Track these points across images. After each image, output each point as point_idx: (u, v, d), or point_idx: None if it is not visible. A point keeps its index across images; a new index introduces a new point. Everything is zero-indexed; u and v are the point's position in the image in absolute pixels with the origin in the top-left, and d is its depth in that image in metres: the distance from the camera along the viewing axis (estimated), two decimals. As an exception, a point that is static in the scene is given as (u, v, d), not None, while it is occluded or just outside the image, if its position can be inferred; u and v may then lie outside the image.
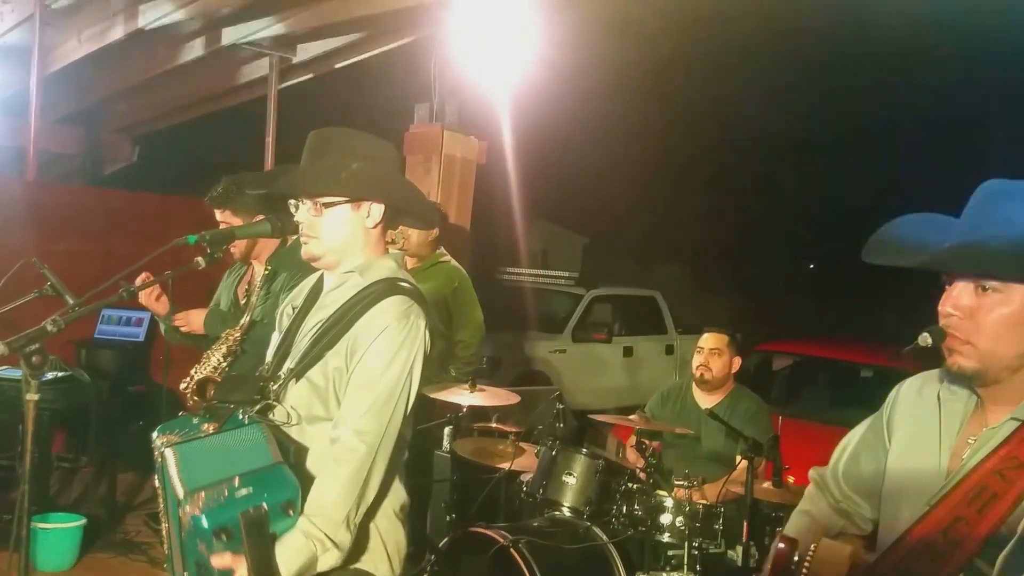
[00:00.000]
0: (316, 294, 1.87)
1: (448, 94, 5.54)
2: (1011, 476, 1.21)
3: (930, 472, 1.32)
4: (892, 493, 1.39)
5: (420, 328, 1.72)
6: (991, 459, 1.24)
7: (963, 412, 1.34)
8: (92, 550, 3.97)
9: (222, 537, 1.46)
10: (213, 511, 1.46)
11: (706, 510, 3.05)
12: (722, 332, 3.63)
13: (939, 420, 1.35)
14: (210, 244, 1.80)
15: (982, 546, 1.20)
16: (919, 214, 1.36)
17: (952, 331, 1.26)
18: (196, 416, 1.69)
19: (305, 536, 1.56)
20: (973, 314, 1.24)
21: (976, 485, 1.23)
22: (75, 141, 8.20)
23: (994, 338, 1.23)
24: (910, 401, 1.44)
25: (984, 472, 1.23)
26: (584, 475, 3.20)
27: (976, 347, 1.25)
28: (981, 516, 1.20)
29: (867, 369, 5.65)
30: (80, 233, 5.47)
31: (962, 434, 1.32)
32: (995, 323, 1.23)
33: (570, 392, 7.69)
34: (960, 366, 1.26)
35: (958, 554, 1.21)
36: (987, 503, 1.21)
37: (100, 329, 5.23)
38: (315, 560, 1.57)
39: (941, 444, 1.33)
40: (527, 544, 2.91)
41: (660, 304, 9.43)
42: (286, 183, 1.82)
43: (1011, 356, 1.24)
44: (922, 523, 1.26)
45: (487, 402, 3.64)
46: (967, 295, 1.25)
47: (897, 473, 1.39)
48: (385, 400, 1.66)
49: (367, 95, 7.59)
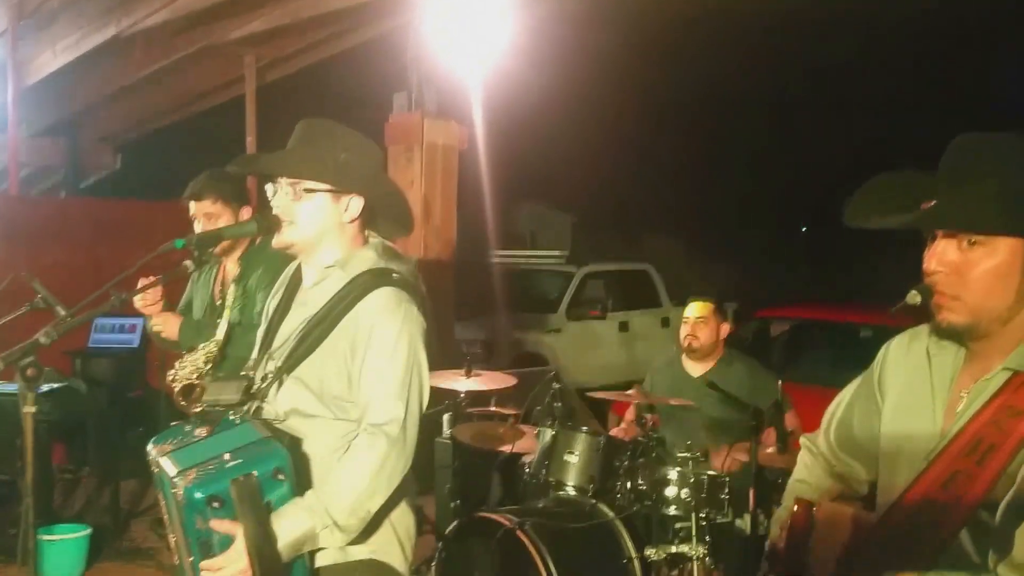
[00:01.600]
0: (295, 288, 1.85)
1: (426, 81, 5.51)
2: (1008, 425, 1.20)
3: (925, 428, 1.32)
4: (889, 452, 1.39)
5: (414, 312, 1.72)
6: (986, 410, 1.24)
7: (953, 366, 1.33)
8: (99, 559, 3.97)
9: (214, 505, 1.49)
10: (204, 482, 1.50)
11: (711, 480, 3.03)
12: (707, 300, 3.62)
13: (930, 375, 1.35)
14: (197, 247, 1.78)
15: (984, 497, 1.19)
16: (894, 172, 1.35)
17: (939, 288, 1.25)
18: (188, 423, 1.70)
19: (307, 510, 1.56)
20: (959, 269, 1.24)
21: (973, 437, 1.23)
22: (57, 152, 8.14)
23: (982, 292, 1.23)
24: (899, 359, 1.43)
25: (980, 423, 1.23)
26: (586, 453, 3.20)
27: (964, 302, 1.24)
28: (980, 468, 1.20)
29: (866, 329, 5.65)
30: (67, 245, 5.45)
31: (954, 388, 1.31)
32: (982, 276, 1.23)
33: (568, 371, 7.70)
34: (950, 322, 1.26)
35: (960, 507, 1.21)
36: (985, 454, 1.20)
37: (94, 338, 5.21)
38: (314, 535, 1.57)
39: (934, 399, 1.33)
40: (534, 526, 2.91)
41: (653, 277, 9.44)
42: (269, 162, 1.80)
43: (1000, 308, 1.24)
44: (922, 479, 1.26)
45: (484, 386, 3.66)
46: (952, 250, 1.24)
47: (893, 432, 1.38)
48: (399, 389, 1.66)
49: (346, 88, 7.55)
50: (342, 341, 1.68)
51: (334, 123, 1.78)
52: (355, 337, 1.67)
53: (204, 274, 3.00)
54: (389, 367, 1.66)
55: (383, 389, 1.66)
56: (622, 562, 3.02)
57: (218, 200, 2.78)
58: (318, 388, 1.69)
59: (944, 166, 1.28)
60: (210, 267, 2.98)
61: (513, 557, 2.91)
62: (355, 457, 1.64)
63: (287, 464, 1.55)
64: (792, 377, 4.66)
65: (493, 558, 3.00)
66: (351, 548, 1.69)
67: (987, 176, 1.21)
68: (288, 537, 1.54)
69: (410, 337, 1.69)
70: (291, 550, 1.55)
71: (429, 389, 1.74)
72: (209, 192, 2.77)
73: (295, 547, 1.56)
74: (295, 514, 1.56)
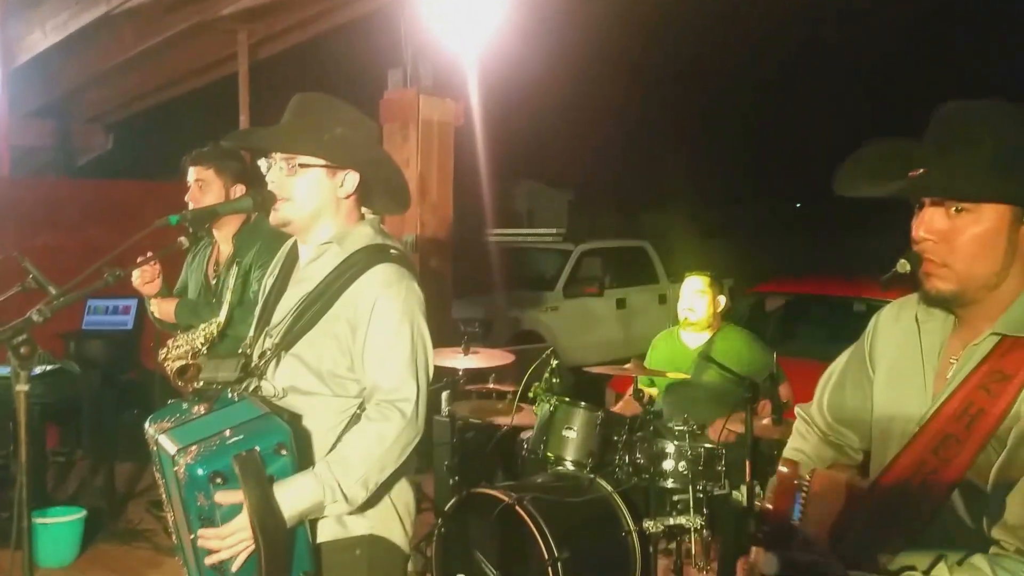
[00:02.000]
0: (291, 265, 1.83)
1: (421, 57, 5.45)
2: (996, 389, 1.22)
3: (916, 395, 1.33)
4: (881, 420, 1.40)
5: (415, 288, 1.71)
6: (975, 375, 1.25)
7: (942, 332, 1.34)
8: (95, 542, 3.95)
9: (217, 481, 1.48)
10: (206, 458, 1.48)
11: (708, 453, 3.06)
12: (703, 273, 3.65)
13: (919, 343, 1.36)
14: (192, 223, 1.74)
15: (973, 461, 1.21)
16: (882, 140, 1.35)
17: (927, 255, 1.26)
18: (185, 401, 1.69)
19: (317, 481, 1.56)
20: (947, 237, 1.25)
21: (963, 402, 1.24)
22: (47, 133, 8.07)
23: (970, 258, 1.24)
24: (889, 328, 1.44)
25: (969, 388, 1.25)
26: (584, 428, 3.21)
27: (952, 269, 1.25)
28: (970, 432, 1.22)
29: (860, 303, 5.66)
30: (58, 226, 5.40)
31: (944, 354, 1.33)
32: (969, 243, 1.23)
33: (566, 348, 7.71)
34: (938, 289, 1.27)
35: (950, 471, 1.22)
36: (975, 418, 1.22)
37: (88, 320, 5.18)
38: (321, 506, 1.57)
39: (924, 366, 1.34)
40: (532, 501, 2.93)
41: (650, 254, 9.43)
42: (263, 136, 1.77)
43: (987, 274, 1.25)
44: (912, 445, 1.28)
45: (482, 364, 3.66)
46: (939, 218, 1.25)
47: (884, 400, 1.40)
48: (408, 366, 1.66)
49: (339, 65, 7.47)
50: (342, 318, 1.67)
51: (329, 97, 1.77)
52: (356, 313, 1.66)
53: (198, 255, 2.98)
54: (396, 343, 1.66)
55: (392, 366, 1.65)
56: (620, 535, 3.04)
57: (212, 168, 2.77)
58: (316, 365, 1.68)
59: (931, 134, 1.29)
60: (204, 247, 2.96)
61: (512, 532, 2.92)
62: (369, 430, 1.63)
63: (289, 439, 1.54)
64: (787, 351, 4.67)
65: (492, 533, 3.02)
66: (352, 523, 1.69)
67: (973, 143, 1.22)
68: (296, 507, 1.54)
69: (413, 312, 1.68)
70: (296, 519, 1.55)
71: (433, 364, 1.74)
72: (207, 160, 2.77)
73: (300, 517, 1.56)
74: (304, 484, 1.55)
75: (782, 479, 1.11)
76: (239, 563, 1.53)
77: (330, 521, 1.67)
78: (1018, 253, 1.24)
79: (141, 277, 2.74)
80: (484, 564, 2.99)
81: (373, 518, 1.72)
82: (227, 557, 1.52)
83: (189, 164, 2.80)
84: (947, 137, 1.25)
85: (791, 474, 1.10)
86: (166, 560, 3.76)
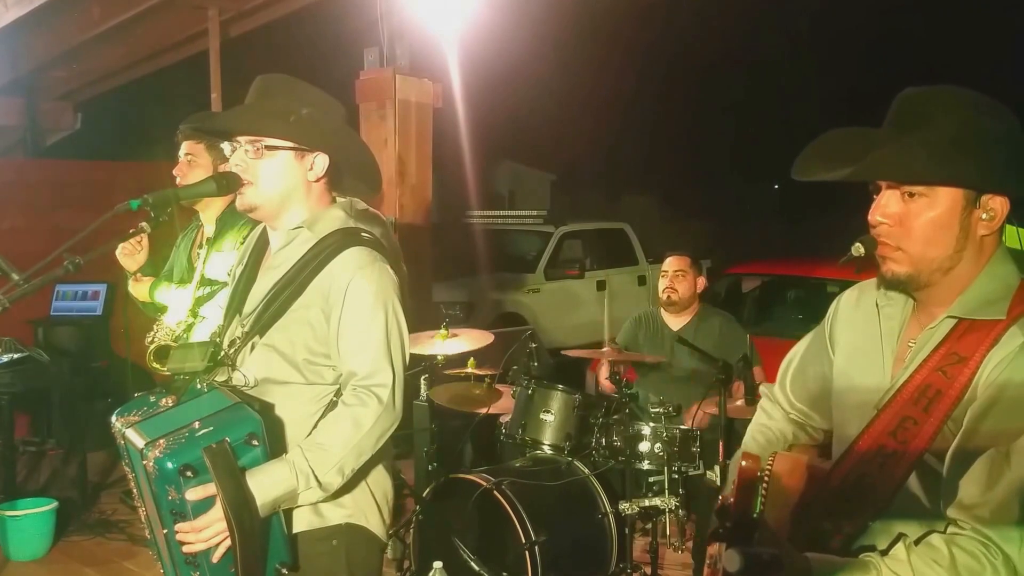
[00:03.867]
0: (261, 251, 1.80)
1: (397, 36, 5.35)
2: (952, 372, 1.24)
3: (875, 378, 1.35)
4: (841, 402, 1.42)
5: (388, 271, 1.68)
6: (932, 358, 1.27)
7: (901, 317, 1.36)
8: (67, 534, 3.89)
9: (187, 475, 1.46)
10: (176, 451, 1.46)
11: (683, 434, 3.10)
12: (684, 254, 3.67)
13: (879, 326, 1.38)
14: (153, 208, 1.69)
15: (930, 442, 1.23)
16: (844, 128, 1.36)
17: (882, 239, 1.28)
18: (153, 394, 1.64)
19: (290, 468, 1.53)
20: (901, 220, 1.26)
21: (920, 385, 1.26)
22: (14, 112, 7.87)
23: (923, 242, 1.25)
24: (849, 312, 1.46)
25: (926, 371, 1.27)
26: (562, 411, 3.22)
27: (907, 252, 1.27)
28: (927, 414, 1.24)
29: (833, 285, 5.74)
30: (26, 208, 5.30)
31: (902, 338, 1.35)
32: (923, 227, 1.25)
33: (547, 330, 7.70)
34: (893, 272, 1.29)
35: (908, 453, 1.24)
36: (932, 400, 1.24)
37: (56, 306, 5.08)
38: (295, 494, 1.54)
39: (883, 350, 1.36)
40: (510, 485, 2.94)
41: (630, 236, 9.46)
42: (227, 118, 1.73)
43: (941, 258, 1.26)
44: (871, 427, 1.29)
45: (461, 347, 3.62)
46: (894, 202, 1.27)
47: (844, 382, 1.42)
48: (384, 350, 1.63)
49: (314, 43, 7.34)
50: (314, 303, 1.64)
51: (293, 78, 1.73)
52: (328, 298, 1.63)
53: (184, 238, 2.93)
54: (370, 328, 1.63)
55: (368, 351, 1.62)
56: (597, 517, 3.06)
57: (203, 143, 2.69)
58: (290, 352, 1.64)
59: (888, 119, 1.30)
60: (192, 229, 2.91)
61: (490, 517, 2.93)
62: (344, 415, 1.60)
63: (260, 429, 1.52)
64: (763, 331, 4.72)
65: (471, 518, 3.02)
66: (328, 513, 1.67)
67: (924, 127, 1.23)
68: (268, 494, 1.51)
69: (387, 295, 1.65)
70: (270, 508, 1.53)
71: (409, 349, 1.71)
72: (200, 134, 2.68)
73: (274, 505, 1.53)
74: (277, 471, 1.53)
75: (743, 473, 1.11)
76: (218, 555, 1.51)
77: (306, 511, 1.64)
78: (970, 237, 1.25)
79: (122, 249, 2.69)
80: (462, 549, 2.98)
81: (350, 507, 1.69)
82: (204, 549, 1.50)
83: (182, 138, 2.73)
84: (902, 122, 1.27)
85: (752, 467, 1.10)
86: (141, 551, 3.70)
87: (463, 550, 2.98)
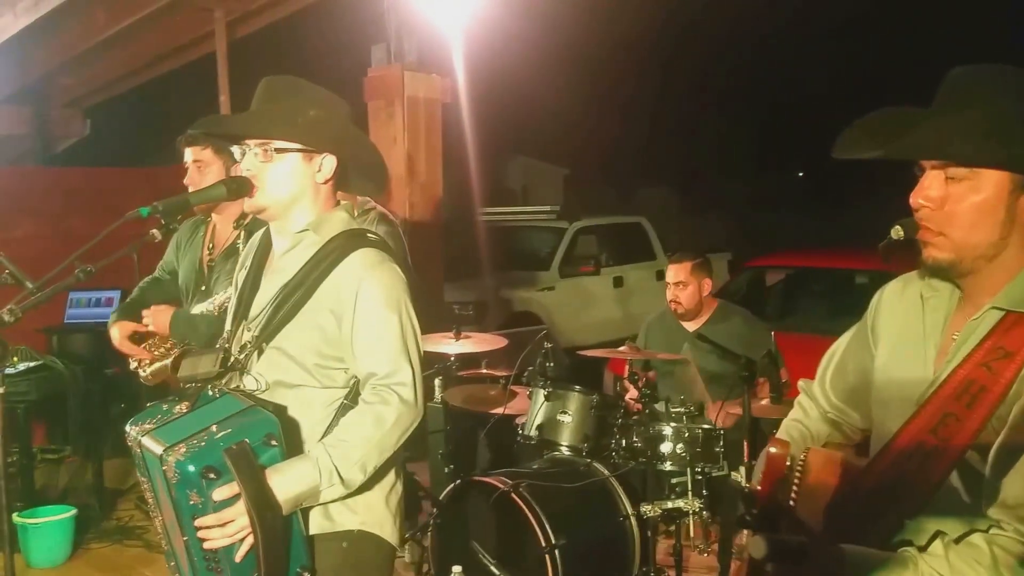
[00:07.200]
0: (264, 255, 1.79)
1: (405, 32, 5.30)
2: (997, 367, 1.20)
3: (917, 372, 1.31)
4: (881, 398, 1.39)
5: (397, 271, 1.69)
6: (977, 352, 1.23)
7: (946, 308, 1.32)
8: (86, 541, 3.91)
9: (211, 476, 1.46)
10: (196, 454, 1.46)
11: (706, 434, 3.03)
12: (683, 260, 3.54)
13: (923, 318, 1.34)
14: (164, 215, 1.70)
15: (973, 440, 1.19)
16: (890, 107, 1.32)
17: (924, 223, 1.24)
18: (166, 402, 1.64)
19: (313, 464, 1.54)
20: (944, 204, 1.22)
21: (963, 380, 1.22)
22: (23, 120, 7.93)
23: (967, 227, 1.22)
24: (893, 304, 1.42)
25: (970, 366, 1.23)
26: (579, 412, 3.16)
27: (949, 237, 1.23)
28: (970, 410, 1.20)
29: (862, 275, 5.57)
30: (37, 216, 5.32)
31: (947, 330, 1.31)
32: (966, 212, 1.21)
33: (562, 330, 7.61)
34: (935, 258, 1.25)
35: (949, 450, 1.21)
36: (975, 396, 1.20)
37: (70, 313, 5.08)
38: (317, 491, 1.54)
39: (926, 343, 1.32)
40: (528, 487, 2.88)
41: (647, 230, 9.29)
42: (236, 122, 1.74)
43: (985, 244, 1.22)
44: (912, 423, 1.26)
45: (474, 349, 3.56)
46: (937, 185, 1.22)
47: (885, 377, 1.38)
48: (399, 349, 1.64)
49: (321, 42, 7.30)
50: (324, 307, 1.64)
51: (298, 79, 1.75)
52: (340, 301, 1.64)
53: (190, 235, 2.84)
54: (385, 329, 1.64)
55: (385, 352, 1.63)
56: (618, 520, 3.00)
57: (209, 147, 2.64)
58: (300, 356, 1.65)
59: (937, 99, 1.26)
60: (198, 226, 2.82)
61: (509, 520, 2.88)
62: (367, 412, 1.61)
63: (277, 429, 1.53)
64: (788, 326, 4.58)
65: (489, 522, 2.97)
66: (339, 517, 1.67)
67: (970, 106, 1.20)
68: (291, 491, 1.51)
69: (399, 295, 1.67)
70: (292, 504, 1.53)
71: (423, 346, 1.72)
72: (204, 139, 2.63)
73: (296, 502, 1.53)
74: (300, 467, 1.53)
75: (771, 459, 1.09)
76: (241, 553, 1.50)
77: (318, 515, 1.64)
78: (1017, 223, 1.21)
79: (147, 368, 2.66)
80: (481, 553, 2.93)
81: (362, 513, 1.69)
82: (228, 544, 1.49)
83: (184, 145, 2.68)
84: (949, 101, 1.23)
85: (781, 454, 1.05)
86: (158, 558, 3.67)
87: (482, 554, 2.93)
